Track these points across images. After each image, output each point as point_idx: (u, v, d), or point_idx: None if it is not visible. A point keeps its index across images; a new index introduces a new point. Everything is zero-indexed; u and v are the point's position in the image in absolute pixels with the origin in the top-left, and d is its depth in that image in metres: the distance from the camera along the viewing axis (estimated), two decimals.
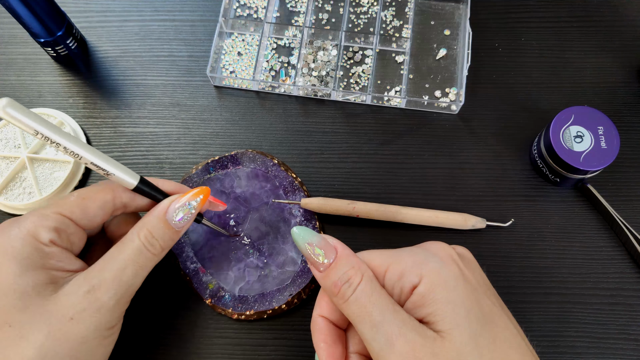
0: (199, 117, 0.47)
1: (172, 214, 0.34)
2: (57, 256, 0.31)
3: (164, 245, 0.33)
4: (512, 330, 0.29)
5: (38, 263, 0.30)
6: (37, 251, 0.31)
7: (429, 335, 0.28)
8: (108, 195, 0.34)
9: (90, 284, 0.31)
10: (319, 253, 0.31)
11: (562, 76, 0.49)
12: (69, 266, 0.32)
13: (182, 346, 0.41)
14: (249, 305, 0.40)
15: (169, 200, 0.34)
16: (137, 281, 0.33)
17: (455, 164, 0.46)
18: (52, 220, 0.32)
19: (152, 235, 0.33)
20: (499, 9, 0.51)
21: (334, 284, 0.30)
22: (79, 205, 0.33)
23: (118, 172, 0.33)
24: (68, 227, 0.32)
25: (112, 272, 0.31)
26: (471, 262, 0.32)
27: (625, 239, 0.43)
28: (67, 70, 0.49)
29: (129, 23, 0.51)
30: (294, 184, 0.43)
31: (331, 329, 0.32)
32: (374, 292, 0.29)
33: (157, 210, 0.34)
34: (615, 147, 0.41)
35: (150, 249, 0.33)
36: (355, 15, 0.51)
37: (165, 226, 0.33)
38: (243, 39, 0.50)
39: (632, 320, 0.41)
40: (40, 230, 0.31)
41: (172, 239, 0.34)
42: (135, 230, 0.33)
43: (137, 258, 0.32)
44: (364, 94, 0.47)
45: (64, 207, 0.32)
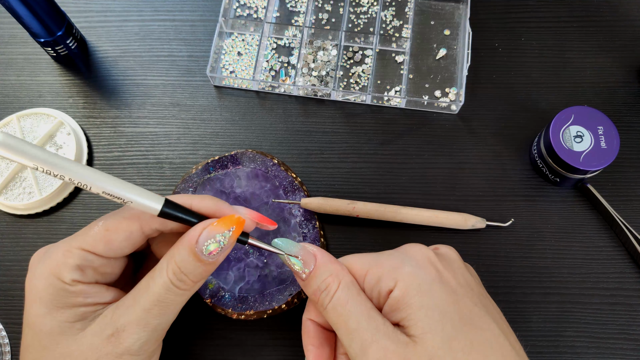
0: (199, 117, 0.47)
1: (202, 247, 0.29)
2: (83, 293, 0.30)
3: (195, 280, 0.30)
4: (494, 330, 0.29)
5: (63, 302, 0.29)
6: (61, 291, 0.29)
7: (402, 340, 0.28)
8: (134, 225, 0.31)
9: (115, 326, 0.29)
10: (298, 264, 0.31)
11: (562, 76, 0.49)
12: (100, 299, 0.31)
13: (182, 346, 0.41)
14: (249, 305, 0.40)
15: (199, 228, 0.30)
16: (167, 319, 0.31)
17: (455, 164, 0.46)
18: (75, 258, 0.30)
19: (180, 270, 0.29)
20: (499, 9, 0.51)
21: (314, 292, 0.31)
22: (102, 238, 0.30)
23: (136, 198, 0.29)
24: (93, 262, 0.30)
25: (137, 314, 0.29)
26: (453, 262, 0.32)
27: (625, 239, 0.43)
28: (67, 70, 0.49)
29: (129, 23, 0.51)
30: (294, 184, 0.43)
31: (319, 331, 0.33)
32: (349, 299, 0.29)
33: (186, 240, 0.29)
34: (615, 147, 0.41)
35: (179, 285, 0.29)
36: (355, 15, 0.51)
37: (195, 259, 0.29)
38: (243, 39, 0.50)
39: (632, 320, 0.41)
40: (63, 269, 0.29)
41: (206, 272, 0.30)
42: (163, 262, 0.30)
43: (164, 297, 0.29)
44: (364, 94, 0.47)
45: (86, 241, 0.30)
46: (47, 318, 0.29)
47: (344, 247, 0.43)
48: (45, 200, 0.43)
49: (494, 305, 0.32)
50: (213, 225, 0.30)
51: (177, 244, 0.30)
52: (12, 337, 0.41)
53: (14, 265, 0.43)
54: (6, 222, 0.44)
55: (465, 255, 0.36)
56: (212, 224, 0.30)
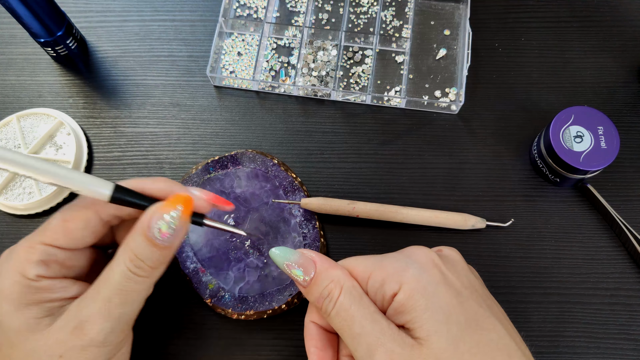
0: (199, 117, 0.47)
1: (154, 230, 0.29)
2: (49, 288, 0.30)
3: (153, 265, 0.30)
4: (499, 331, 0.29)
5: (30, 299, 0.29)
6: (26, 288, 0.29)
7: (408, 342, 0.28)
8: (89, 212, 0.30)
9: (78, 319, 0.29)
10: (299, 274, 0.31)
11: (562, 76, 0.49)
12: (67, 294, 0.30)
13: (182, 346, 0.41)
14: (249, 305, 0.40)
15: (150, 212, 0.29)
16: (131, 308, 0.30)
17: (455, 164, 0.46)
18: (37, 253, 0.29)
19: (136, 257, 0.29)
20: (499, 9, 0.51)
21: (316, 299, 0.31)
22: (61, 229, 0.30)
23: (84, 185, 0.28)
24: (56, 255, 0.30)
25: (98, 305, 0.29)
26: (457, 264, 0.32)
27: (625, 239, 0.43)
28: (67, 70, 0.49)
29: (129, 23, 0.51)
30: (294, 184, 0.43)
31: (322, 334, 0.33)
32: (353, 303, 0.29)
33: (139, 225, 0.29)
34: (615, 147, 0.41)
35: (137, 272, 0.29)
36: (355, 15, 0.51)
37: (150, 244, 0.29)
38: (243, 39, 0.50)
39: (632, 320, 0.41)
40: (26, 266, 0.29)
41: (164, 257, 0.30)
42: (120, 251, 0.30)
43: (124, 286, 0.29)
44: (364, 94, 0.47)
45: (46, 235, 0.30)
46: (14, 315, 0.29)
47: (344, 248, 0.43)
48: (45, 200, 0.43)
49: (498, 307, 0.32)
50: (159, 207, 0.29)
51: (131, 231, 0.29)
52: None
53: None
54: (6, 222, 0.44)
55: (465, 255, 0.36)
56: (160, 207, 0.29)
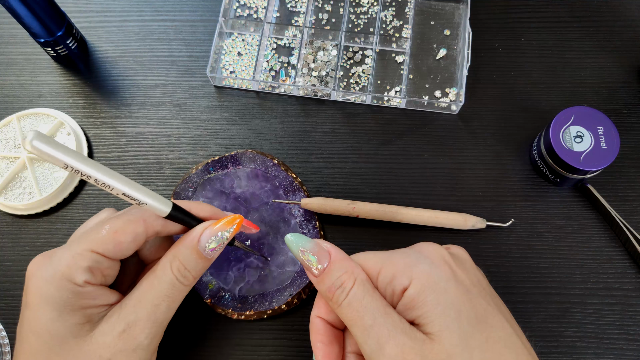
0: (199, 117, 0.47)
1: (204, 244, 0.32)
2: (92, 295, 0.31)
3: (196, 275, 0.33)
4: (507, 329, 0.29)
5: (74, 305, 0.30)
6: (73, 294, 0.30)
7: (419, 337, 0.28)
8: (140, 227, 0.32)
9: (126, 323, 0.30)
10: (312, 260, 0.31)
11: (562, 76, 0.49)
12: (105, 301, 0.32)
13: (182, 346, 0.41)
14: (249, 305, 0.40)
15: (201, 229, 0.33)
16: (170, 314, 0.32)
17: (455, 164, 0.46)
18: (86, 260, 0.30)
19: (184, 267, 0.32)
20: (499, 9, 0.51)
21: (328, 288, 0.31)
22: (111, 240, 0.31)
23: (150, 200, 0.31)
24: (101, 263, 0.31)
25: (147, 310, 0.31)
26: (465, 262, 0.33)
27: (625, 239, 0.43)
28: (67, 70, 0.49)
29: (129, 23, 0.51)
30: (294, 184, 0.43)
31: (328, 329, 0.33)
32: (365, 295, 0.30)
33: (189, 239, 0.32)
34: (615, 147, 0.41)
35: (183, 281, 0.32)
36: (355, 15, 0.51)
37: (197, 257, 0.32)
38: (243, 39, 0.50)
39: (632, 320, 0.41)
40: (75, 272, 0.30)
41: (204, 268, 0.33)
42: (167, 261, 0.32)
43: (170, 292, 0.32)
44: (364, 94, 0.47)
45: (96, 243, 0.31)
46: (58, 322, 0.30)
47: (344, 248, 0.43)
48: (45, 200, 0.43)
49: (504, 306, 0.32)
50: (215, 224, 0.33)
51: (178, 245, 0.32)
52: (12, 338, 0.41)
53: (14, 265, 0.43)
54: (6, 222, 0.44)
55: None
56: (213, 225, 0.33)
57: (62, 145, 0.27)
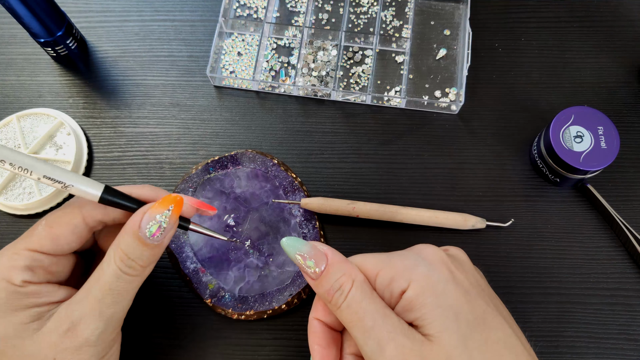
0: (199, 117, 0.47)
1: (144, 230, 0.30)
2: (36, 293, 0.30)
3: (144, 264, 0.30)
4: (506, 330, 0.29)
5: (16, 305, 0.29)
6: (13, 294, 0.29)
7: (418, 339, 0.28)
8: (76, 218, 0.31)
9: (70, 320, 0.29)
10: (310, 265, 0.31)
11: (562, 76, 0.49)
12: (52, 298, 0.31)
13: (182, 346, 0.41)
14: (249, 305, 0.40)
15: (140, 213, 0.30)
16: (121, 307, 0.31)
17: (455, 164, 0.46)
18: (22, 259, 0.30)
19: (127, 256, 0.30)
20: (499, 9, 0.51)
21: (326, 291, 0.31)
22: (47, 235, 0.30)
23: (76, 183, 0.29)
24: (42, 261, 0.30)
25: (91, 305, 0.29)
26: (464, 263, 0.32)
27: (625, 239, 0.43)
28: (67, 70, 0.49)
29: (129, 23, 0.51)
30: (294, 184, 0.43)
31: (326, 331, 0.33)
32: (364, 297, 0.30)
33: (129, 225, 0.30)
34: (615, 147, 0.41)
35: (128, 271, 0.30)
36: (355, 15, 0.51)
37: (140, 244, 0.30)
38: (243, 39, 0.50)
39: (632, 320, 0.41)
40: (12, 272, 0.29)
41: (153, 256, 0.31)
42: (110, 252, 0.30)
43: (115, 285, 0.30)
44: (364, 94, 0.47)
45: (32, 241, 0.30)
46: (1, 322, 0.29)
47: (344, 248, 0.43)
48: (45, 200, 0.43)
49: (504, 306, 0.32)
50: (153, 207, 0.30)
51: (121, 232, 0.30)
52: None
53: None
54: (6, 222, 0.44)
55: None
56: (150, 207, 0.30)
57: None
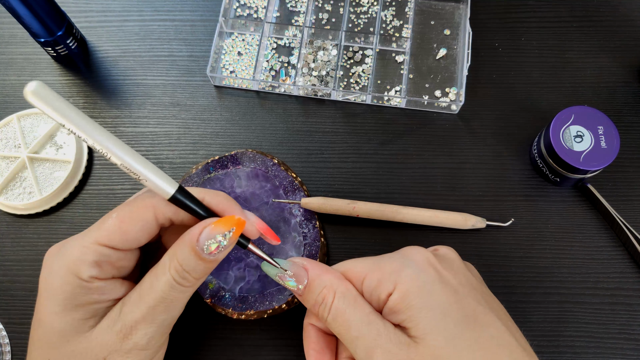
0: (199, 117, 0.47)
1: (203, 245, 0.29)
2: (100, 290, 0.30)
3: (197, 277, 0.30)
4: (499, 327, 0.29)
5: (79, 300, 0.29)
6: (79, 288, 0.29)
7: (404, 341, 0.28)
8: (148, 214, 0.30)
9: (123, 322, 0.29)
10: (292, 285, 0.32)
11: (562, 76, 0.49)
12: (115, 295, 0.30)
13: (182, 346, 0.41)
14: (249, 305, 0.40)
15: (200, 227, 0.29)
16: (172, 315, 0.31)
17: (455, 164, 0.46)
18: (92, 254, 0.29)
19: (182, 268, 0.29)
20: (499, 9, 0.51)
21: (312, 306, 0.31)
22: (118, 229, 0.29)
23: (152, 176, 0.28)
24: (110, 256, 0.30)
25: (143, 311, 0.29)
26: (453, 262, 0.32)
27: (625, 239, 0.43)
28: (67, 70, 0.49)
29: (129, 23, 0.51)
30: (294, 184, 0.43)
31: (320, 336, 0.33)
32: (347, 307, 0.30)
33: (188, 237, 0.29)
34: (615, 147, 0.41)
35: (182, 282, 0.30)
36: (355, 15, 0.51)
37: (196, 257, 0.29)
38: (243, 38, 0.50)
39: (632, 320, 0.41)
40: (81, 266, 0.29)
41: (208, 270, 0.30)
42: (166, 259, 0.30)
43: (168, 294, 0.29)
44: (364, 94, 0.47)
45: (102, 235, 0.29)
46: (60, 316, 0.29)
47: (344, 247, 0.43)
48: (45, 200, 0.43)
49: (498, 303, 0.32)
50: (215, 224, 0.29)
51: (178, 242, 0.30)
52: (12, 337, 0.41)
53: (14, 265, 0.43)
54: (6, 222, 0.44)
55: (465, 255, 0.36)
56: (212, 224, 0.30)
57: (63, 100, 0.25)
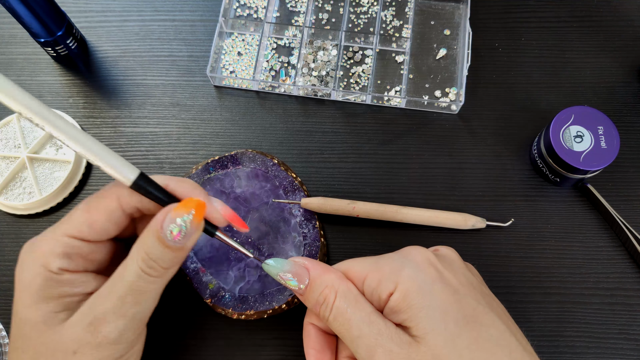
0: (199, 117, 0.47)
1: (166, 231, 0.28)
2: (70, 282, 0.29)
3: (165, 265, 0.29)
4: (499, 327, 0.29)
5: (49, 293, 0.29)
6: (49, 281, 0.29)
7: (405, 341, 0.28)
8: (112, 202, 0.30)
9: (93, 315, 0.29)
10: (293, 285, 0.32)
11: (562, 76, 0.49)
12: (87, 288, 0.30)
13: (182, 346, 0.41)
14: (249, 305, 0.40)
15: (163, 213, 0.29)
16: (144, 307, 0.30)
17: (455, 164, 0.46)
18: (60, 245, 0.29)
19: (148, 257, 0.29)
20: (499, 9, 0.51)
21: (313, 305, 0.31)
22: (85, 221, 0.29)
23: (112, 162, 0.27)
24: (80, 248, 0.30)
25: (113, 303, 0.29)
26: (454, 262, 0.33)
27: (625, 239, 0.43)
28: (67, 70, 0.49)
29: (129, 23, 0.51)
30: (294, 184, 0.43)
31: (320, 335, 0.33)
32: (348, 307, 0.30)
33: (152, 225, 0.29)
34: (615, 147, 0.41)
35: (150, 272, 0.29)
36: (355, 15, 0.51)
37: (162, 245, 0.28)
38: (243, 39, 0.50)
39: (632, 320, 0.41)
40: (49, 258, 0.29)
41: (176, 258, 0.30)
42: (134, 249, 0.29)
43: (137, 285, 0.29)
44: (364, 94, 0.47)
45: (70, 226, 0.29)
46: (32, 308, 0.29)
47: (344, 247, 0.43)
48: (45, 200, 0.43)
49: (498, 303, 0.32)
50: (174, 209, 0.29)
51: (145, 231, 0.29)
52: None
53: (14, 265, 0.43)
54: (6, 222, 0.44)
55: (465, 255, 0.36)
56: (174, 209, 0.29)
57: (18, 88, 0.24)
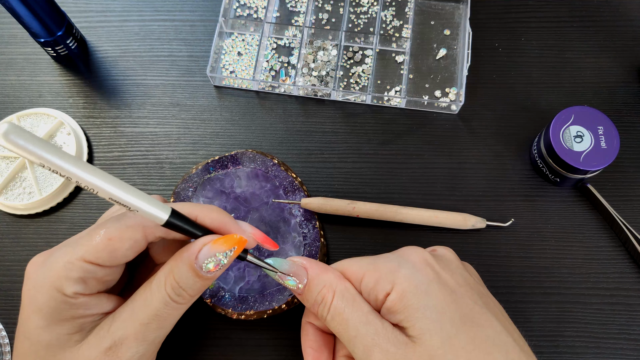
0: (199, 117, 0.47)
1: (201, 263, 0.29)
2: (84, 305, 0.29)
3: (193, 294, 0.30)
4: (496, 327, 0.29)
5: (64, 315, 0.29)
6: (63, 304, 0.28)
7: (402, 341, 0.28)
8: (138, 234, 0.29)
9: (112, 339, 0.29)
10: (292, 284, 0.32)
11: (562, 76, 0.49)
12: (100, 309, 0.30)
13: (182, 346, 0.41)
14: (249, 305, 0.40)
15: (200, 244, 0.29)
16: (164, 332, 0.31)
17: (455, 164, 0.46)
18: (77, 270, 0.28)
19: (179, 285, 0.29)
20: (499, 9, 0.51)
21: (311, 305, 0.31)
22: (105, 248, 0.29)
23: (144, 206, 0.27)
24: (95, 272, 0.29)
25: (135, 328, 0.29)
26: (451, 263, 0.33)
27: (625, 239, 0.43)
28: (67, 70, 0.49)
29: (129, 23, 0.51)
30: (294, 184, 0.43)
31: (318, 335, 0.33)
32: (346, 307, 0.30)
33: (187, 254, 0.29)
34: (615, 147, 0.41)
35: (177, 299, 0.29)
36: (355, 15, 0.51)
37: (194, 275, 0.29)
38: (243, 39, 0.50)
39: (632, 320, 0.41)
40: (65, 282, 0.28)
41: (204, 287, 0.30)
42: (162, 276, 0.29)
43: (162, 311, 0.29)
44: (364, 94, 0.47)
45: (89, 252, 0.29)
46: (45, 331, 0.29)
47: (344, 247, 0.43)
48: (45, 200, 0.43)
49: (496, 303, 0.32)
50: (214, 243, 0.29)
51: (176, 258, 0.29)
52: (13, 338, 0.41)
53: (14, 265, 0.43)
54: (6, 222, 0.44)
55: (465, 255, 0.36)
56: (213, 242, 0.29)
57: (37, 139, 0.23)
